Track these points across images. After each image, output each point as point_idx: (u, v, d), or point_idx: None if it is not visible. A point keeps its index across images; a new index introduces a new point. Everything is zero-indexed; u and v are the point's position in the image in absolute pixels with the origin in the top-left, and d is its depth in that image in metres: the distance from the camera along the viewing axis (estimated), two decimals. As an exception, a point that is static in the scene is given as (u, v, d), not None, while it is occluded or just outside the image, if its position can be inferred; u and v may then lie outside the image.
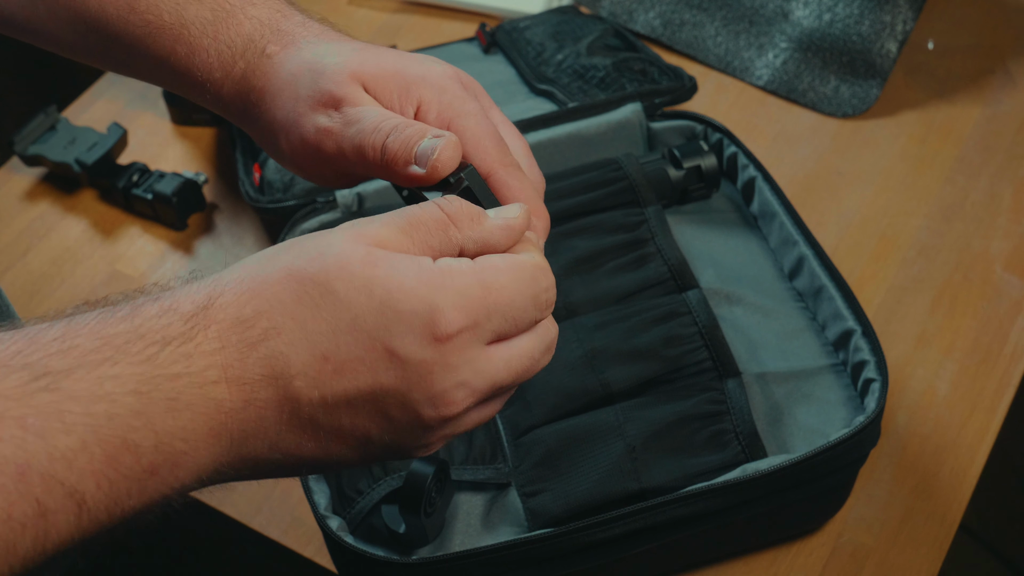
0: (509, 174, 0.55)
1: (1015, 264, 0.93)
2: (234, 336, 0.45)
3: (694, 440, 0.71)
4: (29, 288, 0.95)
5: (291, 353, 0.46)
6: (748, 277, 0.81)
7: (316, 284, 0.46)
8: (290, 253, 0.48)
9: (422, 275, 0.47)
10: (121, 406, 0.42)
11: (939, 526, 0.79)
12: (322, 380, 0.46)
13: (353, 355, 0.46)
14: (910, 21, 1.04)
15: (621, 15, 1.10)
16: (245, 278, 0.47)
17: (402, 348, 0.46)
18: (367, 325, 0.46)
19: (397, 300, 0.46)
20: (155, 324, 0.44)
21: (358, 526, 0.69)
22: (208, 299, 0.46)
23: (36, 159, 0.99)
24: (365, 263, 0.46)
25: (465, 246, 0.50)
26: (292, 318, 0.46)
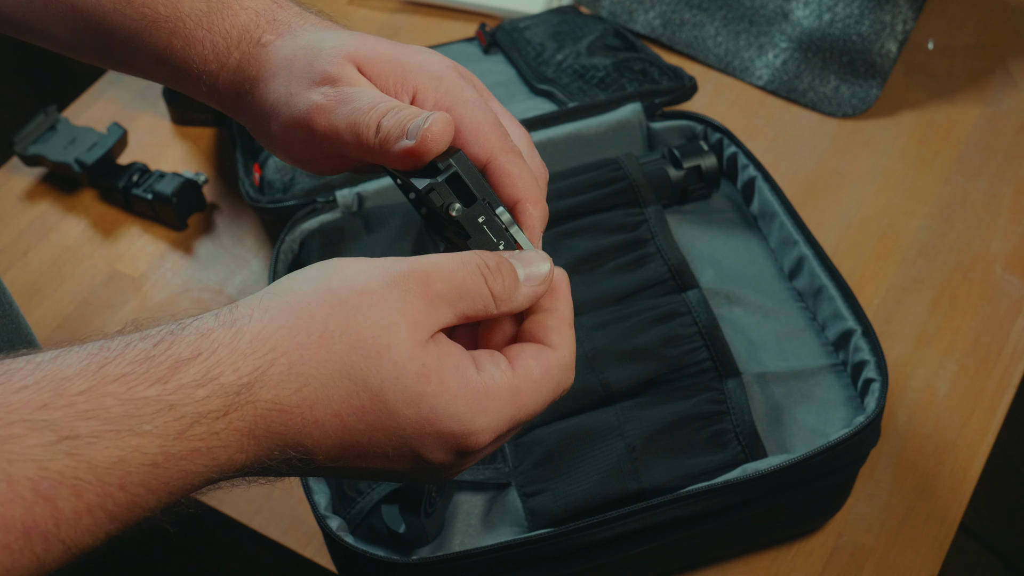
0: (509, 160, 0.55)
1: (1015, 264, 0.93)
2: (272, 420, 0.45)
3: (694, 440, 0.71)
4: (29, 288, 0.95)
5: (323, 441, 0.46)
6: (748, 277, 0.81)
7: (368, 390, 0.46)
8: (347, 339, 0.46)
9: (466, 395, 0.47)
10: (135, 476, 0.42)
11: (939, 526, 0.79)
12: (342, 458, 0.47)
13: (381, 450, 0.47)
14: (910, 21, 1.04)
15: (621, 15, 1.10)
16: (297, 361, 0.45)
17: (430, 455, 0.48)
18: (405, 433, 0.47)
19: (440, 420, 0.47)
20: (190, 395, 0.43)
21: (358, 526, 0.69)
22: (254, 376, 0.44)
23: (36, 159, 0.99)
24: (419, 377, 0.46)
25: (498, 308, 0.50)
26: (336, 417, 0.46)
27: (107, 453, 0.42)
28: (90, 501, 0.42)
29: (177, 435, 0.43)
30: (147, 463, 0.42)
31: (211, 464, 0.44)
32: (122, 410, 0.42)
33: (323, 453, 0.47)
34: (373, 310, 0.47)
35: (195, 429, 0.43)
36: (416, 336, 0.47)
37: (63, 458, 0.41)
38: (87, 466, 0.41)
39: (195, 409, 0.43)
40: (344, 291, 0.47)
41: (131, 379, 0.43)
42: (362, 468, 0.48)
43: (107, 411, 0.42)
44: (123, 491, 0.42)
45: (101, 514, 0.42)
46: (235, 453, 0.45)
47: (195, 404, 0.43)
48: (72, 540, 0.42)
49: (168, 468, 0.43)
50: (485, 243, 0.53)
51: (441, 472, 0.50)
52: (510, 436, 0.51)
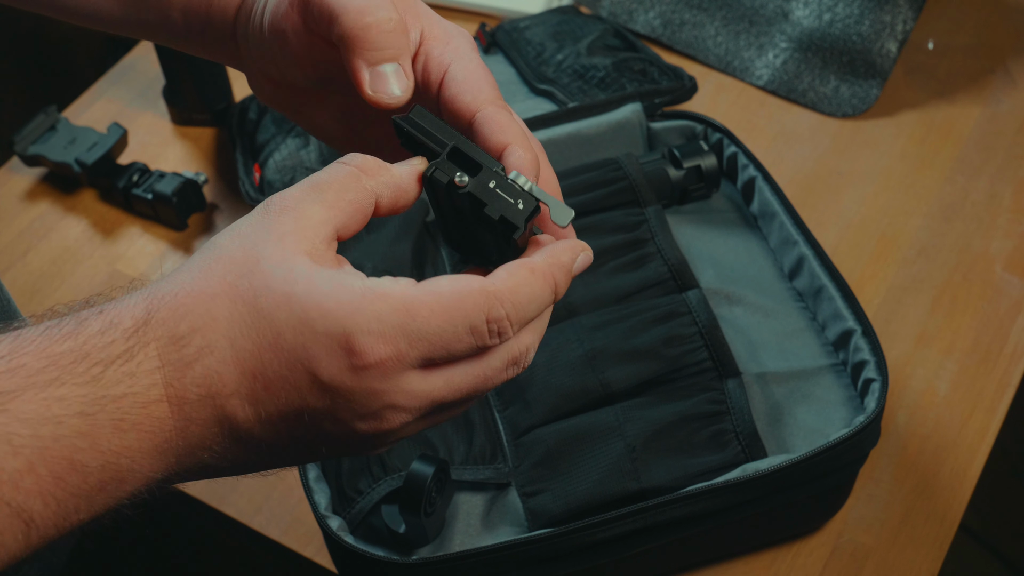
0: (498, 112, 0.53)
1: (1015, 264, 0.93)
2: (172, 354, 0.45)
3: (694, 440, 0.71)
4: (29, 288, 0.95)
5: (224, 371, 0.45)
6: (748, 277, 0.81)
7: (245, 302, 0.46)
8: (223, 264, 0.47)
9: (341, 296, 0.45)
10: (67, 427, 0.43)
11: (939, 526, 0.79)
12: (255, 397, 0.46)
13: (278, 374, 0.46)
14: (910, 21, 1.04)
15: (621, 15, 1.10)
16: (180, 292, 0.46)
17: (321, 371, 0.46)
18: (287, 344, 0.45)
19: (312, 319, 0.45)
20: (98, 342, 0.44)
21: (358, 526, 0.69)
22: (147, 313, 0.45)
23: (36, 159, 0.99)
24: (286, 279, 0.46)
25: (380, 192, 0.49)
26: (224, 336, 0.46)
27: (33, 405, 0.42)
28: (28, 457, 0.42)
29: (94, 380, 0.43)
30: (75, 412, 0.43)
31: (140, 414, 0.44)
32: (41, 365, 0.43)
33: (233, 392, 0.45)
34: (240, 237, 0.47)
35: (109, 373, 0.44)
36: (286, 247, 0.46)
37: None
38: (17, 420, 0.42)
39: (105, 353, 0.44)
40: (219, 237, 0.49)
41: (45, 339, 0.44)
42: (288, 416, 0.46)
43: (27, 367, 0.43)
44: (58, 443, 0.42)
45: (43, 471, 0.42)
46: (157, 401, 0.45)
47: (103, 348, 0.44)
48: (18, 502, 0.42)
49: (97, 416, 0.43)
50: (504, 207, 0.49)
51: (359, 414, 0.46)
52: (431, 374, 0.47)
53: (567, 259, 0.50)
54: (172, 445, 0.46)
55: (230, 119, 0.99)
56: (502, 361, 0.48)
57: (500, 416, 0.74)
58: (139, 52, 1.11)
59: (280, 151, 0.93)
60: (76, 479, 0.43)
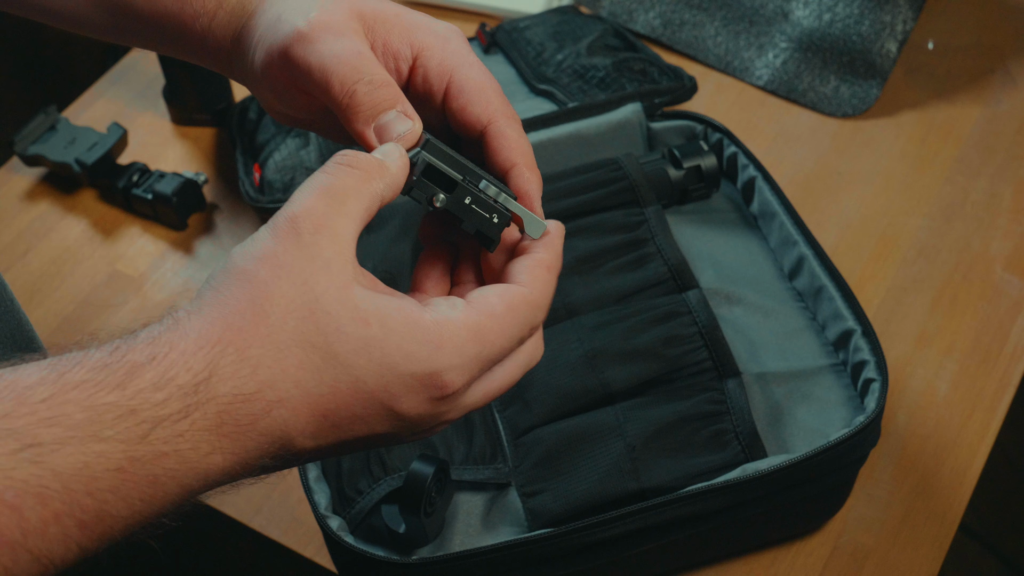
0: (508, 125, 0.54)
1: (1015, 264, 0.93)
2: (236, 410, 0.44)
3: (694, 440, 0.71)
4: (29, 288, 0.95)
5: (293, 419, 0.45)
6: (748, 277, 0.81)
7: (316, 349, 0.45)
8: (280, 306, 0.45)
9: (417, 333, 0.46)
10: (102, 483, 0.42)
11: (939, 526, 0.79)
12: (321, 433, 0.46)
13: (353, 413, 0.46)
14: (910, 21, 1.04)
15: (621, 15, 1.10)
16: (243, 346, 0.44)
17: (403, 408, 0.47)
18: (367, 387, 0.46)
19: (396, 363, 0.46)
20: (150, 398, 0.43)
21: (358, 526, 0.69)
22: (208, 369, 0.44)
23: (36, 159, 0.99)
24: (357, 322, 0.45)
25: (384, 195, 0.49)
26: (295, 385, 0.45)
27: (71, 460, 0.41)
28: (57, 509, 0.41)
29: (140, 439, 0.42)
30: (112, 468, 0.42)
31: (183, 468, 0.43)
32: (84, 416, 0.42)
33: (299, 433, 0.45)
34: (284, 269, 0.46)
35: (158, 432, 0.42)
36: (337, 278, 0.46)
37: (27, 466, 0.40)
38: (52, 473, 0.41)
39: (155, 413, 0.43)
40: (251, 264, 0.46)
41: (90, 386, 0.42)
42: (347, 440, 0.47)
43: (69, 417, 0.41)
44: (90, 497, 0.41)
45: (69, 522, 0.41)
46: (207, 454, 0.44)
47: (155, 408, 0.43)
48: (40, 550, 0.41)
49: (135, 473, 0.42)
50: (479, 222, 0.52)
51: (426, 424, 0.48)
52: (484, 378, 0.49)
53: (560, 245, 0.53)
54: (215, 479, 0.45)
55: (230, 119, 0.99)
56: (521, 368, 0.52)
57: (500, 416, 0.74)
58: (139, 52, 1.11)
59: (280, 151, 0.93)
60: (101, 528, 0.43)
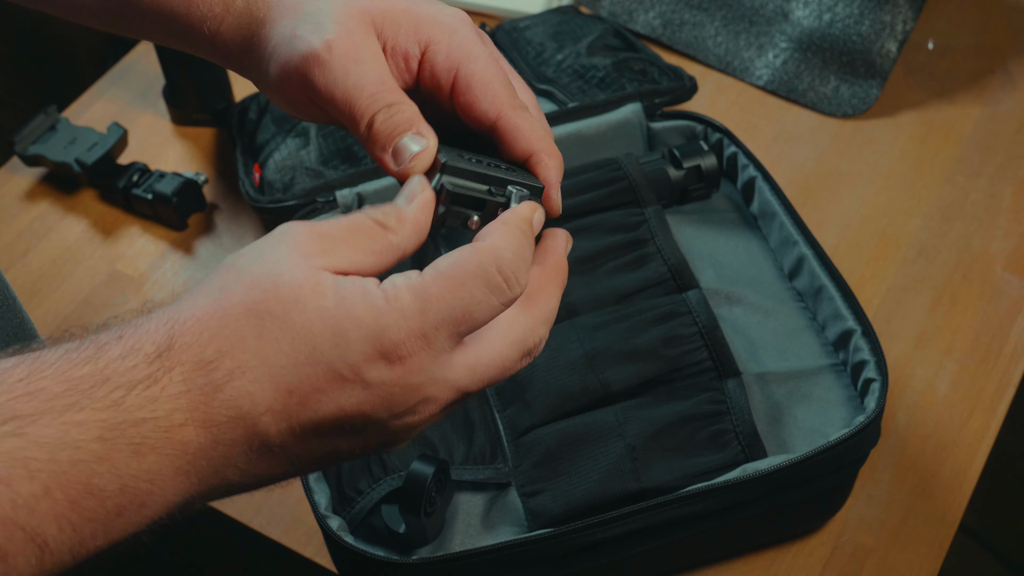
0: (518, 116, 0.54)
1: (1015, 264, 0.93)
2: (199, 379, 0.45)
3: (694, 440, 0.71)
4: (29, 288, 0.95)
5: (257, 391, 0.45)
6: (748, 277, 0.81)
7: (274, 318, 0.46)
8: (244, 285, 0.46)
9: (367, 300, 0.46)
10: (86, 452, 0.42)
11: (939, 526, 0.79)
12: (289, 412, 0.46)
13: (315, 386, 0.46)
14: (910, 21, 1.04)
15: (621, 15, 1.10)
16: (202, 315, 0.46)
17: (361, 373, 0.46)
18: (323, 356, 0.46)
19: (347, 329, 0.46)
20: (119, 366, 0.44)
21: (358, 526, 0.69)
22: (168, 339, 0.45)
23: (36, 159, 0.99)
24: (315, 292, 0.46)
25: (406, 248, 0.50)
26: (255, 355, 0.45)
27: (52, 430, 0.42)
28: (45, 481, 0.41)
29: (115, 405, 0.43)
30: (94, 437, 0.43)
31: (160, 437, 0.44)
32: (61, 389, 0.43)
33: (266, 409, 0.46)
34: (262, 256, 0.47)
35: (131, 398, 0.44)
36: (309, 263, 0.47)
37: (11, 439, 0.41)
38: (35, 444, 0.41)
39: (127, 378, 0.44)
40: (235, 258, 0.48)
41: (64, 363, 0.44)
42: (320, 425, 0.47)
43: (46, 391, 0.43)
44: (76, 468, 0.42)
45: (59, 495, 0.42)
46: (180, 425, 0.44)
47: (125, 373, 0.44)
48: (32, 526, 0.41)
49: (115, 441, 0.43)
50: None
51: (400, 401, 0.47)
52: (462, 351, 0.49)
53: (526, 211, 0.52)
54: (195, 466, 0.45)
55: (230, 119, 0.99)
56: (519, 352, 0.51)
57: (500, 416, 0.74)
58: (139, 52, 1.11)
59: (280, 151, 0.93)
60: (93, 503, 0.43)
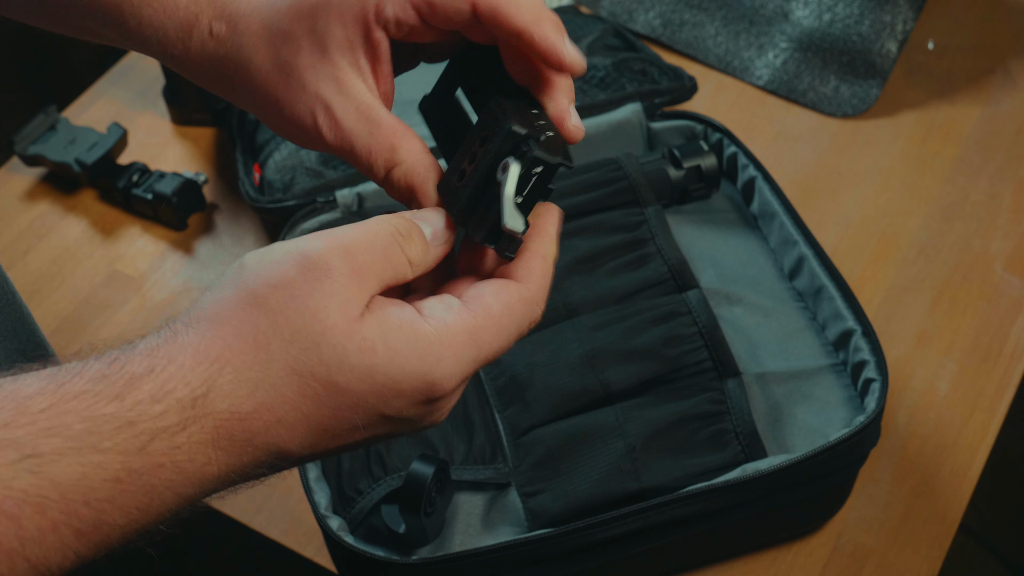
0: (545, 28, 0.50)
1: (1015, 264, 0.93)
2: (233, 427, 0.45)
3: (694, 440, 0.71)
4: (29, 288, 0.95)
5: (289, 435, 0.46)
6: (748, 277, 0.81)
7: (318, 380, 0.45)
8: (283, 339, 0.45)
9: (419, 350, 0.47)
10: (100, 492, 0.42)
11: (939, 526, 0.79)
12: (317, 444, 0.47)
13: (352, 425, 0.47)
14: (910, 21, 1.04)
15: (621, 15, 1.10)
16: (241, 366, 0.45)
17: (400, 413, 0.47)
18: (368, 404, 0.47)
19: (398, 383, 0.46)
20: (148, 411, 0.43)
21: (358, 526, 0.69)
22: (206, 385, 0.44)
23: (36, 159, 0.99)
24: (363, 352, 0.46)
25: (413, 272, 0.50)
26: (296, 410, 0.45)
27: (70, 471, 0.41)
28: (55, 519, 0.41)
29: (138, 451, 0.43)
30: (110, 479, 0.42)
31: (179, 479, 0.44)
32: (83, 427, 0.42)
33: (296, 446, 0.46)
34: (297, 300, 0.46)
35: (155, 444, 0.43)
36: (349, 313, 0.46)
37: (27, 476, 0.41)
38: (51, 484, 0.41)
39: (153, 424, 0.43)
40: (263, 289, 0.46)
41: (90, 396, 0.43)
42: (343, 446, 0.48)
43: (68, 428, 0.42)
44: (88, 507, 0.42)
45: (66, 531, 0.42)
46: (203, 466, 0.44)
47: (153, 420, 0.43)
48: (37, 558, 0.41)
49: (132, 484, 0.43)
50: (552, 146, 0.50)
51: (420, 421, 0.49)
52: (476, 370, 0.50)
53: (554, 230, 0.54)
54: (210, 488, 0.46)
55: (230, 119, 0.99)
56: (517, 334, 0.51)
57: (500, 416, 0.74)
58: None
59: (280, 151, 0.93)
60: (99, 536, 0.43)
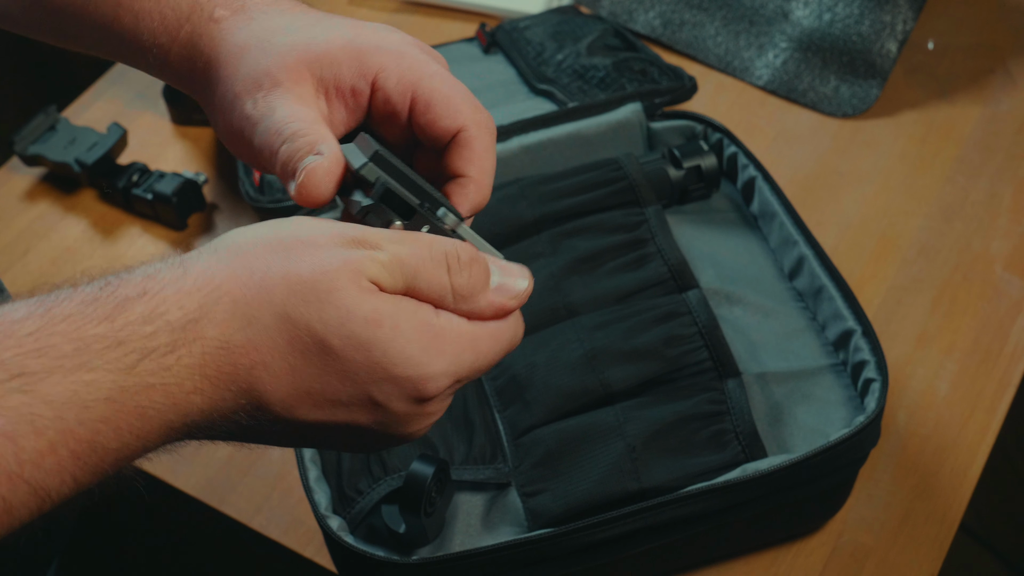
0: (479, 134, 0.54)
1: (1015, 264, 0.93)
2: (220, 358, 0.45)
3: (694, 440, 0.71)
4: (29, 288, 0.94)
5: (274, 385, 0.46)
6: (748, 277, 0.81)
7: (312, 336, 0.45)
8: (290, 281, 0.45)
9: (422, 339, 0.47)
10: (93, 412, 0.42)
11: (939, 526, 0.79)
12: (299, 408, 0.47)
13: (336, 397, 0.47)
14: (910, 21, 1.04)
15: (621, 15, 1.10)
16: (239, 297, 0.45)
17: (387, 401, 0.47)
18: (358, 378, 0.46)
19: (393, 364, 0.46)
20: (138, 331, 0.43)
21: (358, 526, 0.69)
22: (199, 310, 0.44)
23: (36, 159, 0.99)
24: (368, 322, 0.46)
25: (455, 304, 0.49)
26: (283, 359, 0.45)
27: (60, 388, 0.42)
28: (51, 439, 0.42)
29: (127, 369, 0.43)
30: (102, 397, 0.42)
31: (167, 402, 0.44)
32: (71, 347, 0.42)
33: (277, 400, 0.46)
34: (314, 256, 0.46)
35: (145, 364, 0.43)
36: (361, 283, 0.46)
37: (18, 395, 0.41)
38: (43, 401, 0.41)
39: (143, 344, 0.43)
40: (290, 238, 0.47)
41: (78, 319, 0.43)
42: (322, 422, 0.47)
43: (56, 348, 0.42)
44: (82, 426, 0.42)
45: (64, 452, 0.42)
46: (189, 393, 0.44)
47: (143, 339, 0.43)
48: (37, 481, 0.42)
49: (124, 403, 0.43)
50: None
51: (401, 425, 0.49)
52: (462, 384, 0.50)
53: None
54: (194, 421, 0.45)
55: (230, 119, 0.99)
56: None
57: (500, 416, 0.74)
58: (139, 52, 1.11)
59: (280, 151, 0.93)
60: (95, 459, 0.43)
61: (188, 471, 0.83)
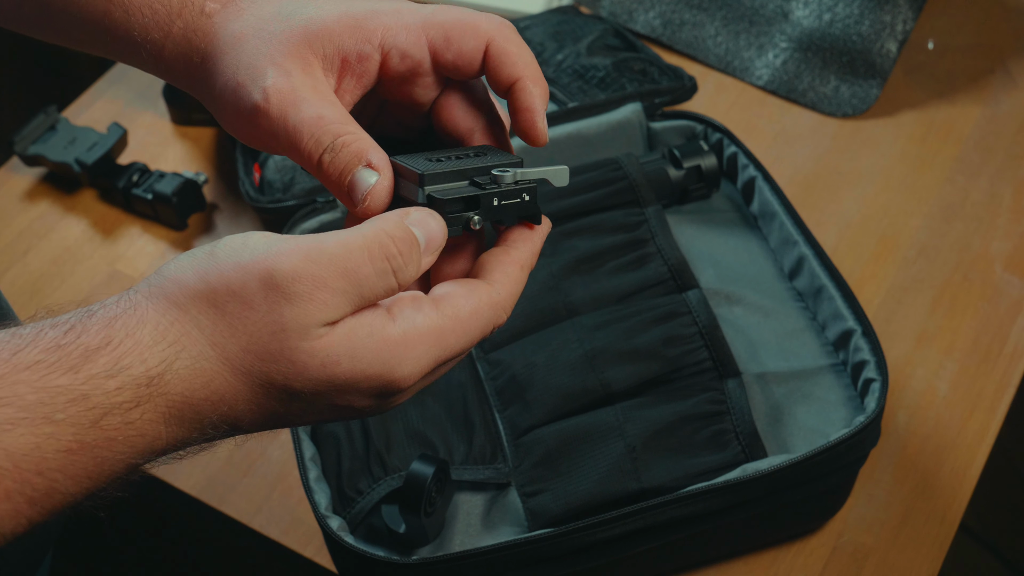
0: (507, 40, 0.54)
1: (1015, 264, 0.93)
2: (185, 412, 0.45)
3: (694, 440, 0.71)
4: (29, 288, 0.95)
5: (243, 419, 0.47)
6: (748, 277, 0.81)
7: (274, 384, 0.46)
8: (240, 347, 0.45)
9: (382, 354, 0.47)
10: (52, 463, 0.43)
11: (939, 526, 0.79)
12: (267, 424, 0.48)
13: (302, 412, 0.47)
14: (910, 21, 1.04)
15: (621, 15, 1.10)
16: (200, 356, 0.45)
17: (356, 402, 0.48)
18: (322, 401, 0.47)
19: (356, 382, 0.47)
20: (102, 386, 0.43)
21: (358, 526, 0.69)
22: (163, 366, 0.44)
23: (36, 159, 0.99)
24: (326, 366, 0.46)
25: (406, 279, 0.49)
26: (248, 402, 0.46)
27: (23, 440, 0.42)
28: (8, 487, 0.42)
29: (91, 424, 0.43)
30: (63, 450, 0.43)
31: (129, 451, 0.44)
32: (36, 398, 0.42)
33: (247, 424, 0.47)
34: (253, 316, 0.46)
35: (109, 419, 0.43)
36: (311, 333, 0.46)
37: None
38: (4, 453, 0.42)
39: (107, 400, 0.43)
40: (222, 294, 0.46)
41: (43, 367, 0.43)
42: (294, 422, 0.49)
43: (21, 399, 0.42)
44: (40, 477, 0.42)
45: (19, 499, 0.42)
46: (153, 441, 0.45)
47: (107, 395, 0.43)
48: None
49: (84, 455, 0.43)
50: (517, 210, 0.52)
51: (369, 410, 0.49)
52: (438, 375, 0.50)
53: (541, 244, 0.53)
54: (155, 459, 0.46)
55: (230, 119, 0.99)
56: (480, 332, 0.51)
57: (500, 416, 0.74)
58: (139, 52, 1.11)
59: (280, 151, 0.93)
60: (50, 503, 0.43)
61: (188, 471, 0.83)
